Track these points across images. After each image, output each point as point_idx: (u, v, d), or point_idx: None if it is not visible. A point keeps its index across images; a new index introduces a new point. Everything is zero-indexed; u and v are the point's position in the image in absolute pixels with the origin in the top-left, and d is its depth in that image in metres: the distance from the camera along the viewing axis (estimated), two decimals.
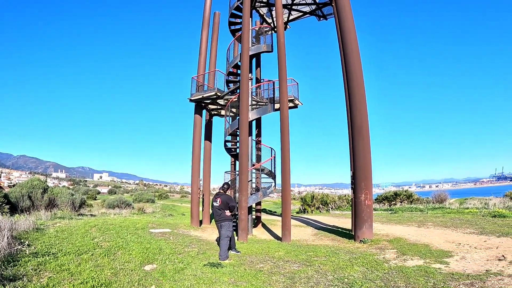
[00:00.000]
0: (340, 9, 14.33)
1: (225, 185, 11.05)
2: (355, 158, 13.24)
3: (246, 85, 15.38)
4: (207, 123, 20.89)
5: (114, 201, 31.42)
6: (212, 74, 20.45)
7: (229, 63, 18.01)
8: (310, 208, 29.64)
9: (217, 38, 22.01)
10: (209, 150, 20.44)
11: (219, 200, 10.42)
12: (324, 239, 14.16)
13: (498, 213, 16.42)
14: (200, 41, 20.68)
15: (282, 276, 7.99)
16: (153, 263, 8.82)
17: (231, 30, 19.56)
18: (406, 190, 35.36)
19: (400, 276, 7.47)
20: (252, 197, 15.65)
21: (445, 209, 21.96)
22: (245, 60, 15.63)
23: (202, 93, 18.55)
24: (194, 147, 19.27)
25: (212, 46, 21.58)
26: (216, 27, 21.97)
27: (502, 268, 7.54)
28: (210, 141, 20.64)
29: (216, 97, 18.40)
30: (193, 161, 19.29)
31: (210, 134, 20.82)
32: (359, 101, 13.36)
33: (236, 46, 20.39)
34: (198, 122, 19.46)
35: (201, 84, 19.51)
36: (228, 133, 17.21)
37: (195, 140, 19.32)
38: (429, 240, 11.69)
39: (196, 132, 19.35)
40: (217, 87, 18.35)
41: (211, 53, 21.52)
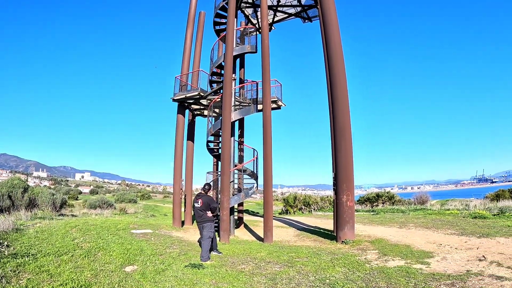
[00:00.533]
0: (325, 11, 14.35)
1: (206, 186, 10.93)
2: (337, 159, 13.26)
3: (229, 86, 15.32)
4: (190, 123, 20.76)
5: (95, 201, 31.05)
6: (195, 74, 20.28)
7: (213, 63, 17.90)
8: (292, 209, 29.67)
9: (201, 38, 21.86)
10: (191, 150, 20.31)
11: (200, 201, 10.31)
12: (306, 240, 14.14)
13: (479, 215, 16.68)
14: (185, 41, 20.54)
15: (263, 277, 7.91)
16: (134, 264, 8.71)
17: (215, 30, 19.43)
18: (388, 192, 35.69)
19: (382, 276, 7.48)
20: (234, 198, 15.57)
21: (427, 210, 22.23)
22: (229, 61, 15.58)
23: (185, 93, 18.42)
24: (177, 147, 19.13)
25: (196, 46, 21.43)
26: (201, 27, 21.81)
27: (482, 268, 7.62)
28: (193, 141, 20.50)
29: (199, 97, 18.28)
30: (175, 161, 19.14)
31: (192, 134, 20.67)
32: (342, 103, 13.39)
33: (221, 46, 20.32)
34: (181, 122, 19.33)
35: (185, 84, 19.37)
36: (211, 134, 17.11)
37: (177, 140, 19.17)
38: (410, 241, 11.78)
39: (178, 132, 19.21)
40: (200, 87, 18.24)
41: (195, 52, 21.35)
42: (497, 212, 17.91)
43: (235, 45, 16.55)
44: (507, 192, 29.83)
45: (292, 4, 20.42)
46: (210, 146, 18.15)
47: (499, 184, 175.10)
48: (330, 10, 14.23)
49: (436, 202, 31.47)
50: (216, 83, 18.42)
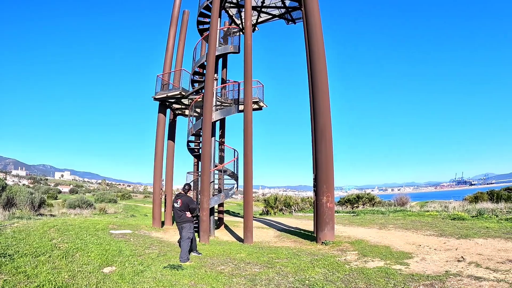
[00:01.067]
0: (309, 14, 14.40)
1: (186, 186, 10.85)
2: (318, 161, 13.30)
3: (211, 85, 15.24)
4: (171, 123, 20.56)
5: (75, 201, 30.51)
6: (178, 73, 20.08)
7: (195, 62, 17.77)
8: (273, 210, 29.75)
9: (184, 37, 21.68)
10: (172, 150, 20.11)
11: (180, 201, 10.20)
12: (286, 241, 14.14)
13: (457, 216, 16.93)
14: (168, 39, 20.35)
15: (243, 278, 7.85)
16: (112, 265, 8.56)
17: (199, 29, 19.29)
18: (369, 193, 36.00)
19: (361, 277, 7.50)
20: (214, 199, 15.47)
21: (406, 212, 22.47)
22: (211, 60, 15.47)
23: (166, 92, 18.25)
24: (157, 147, 18.93)
25: (179, 45, 21.25)
26: (184, 26, 21.63)
27: (461, 269, 7.72)
28: (174, 141, 20.31)
29: (180, 96, 18.12)
30: (156, 161, 18.94)
31: (173, 133, 20.49)
32: (323, 104, 13.44)
33: (204, 46, 20.15)
34: (162, 121, 19.14)
35: (166, 83, 19.17)
36: (191, 133, 16.98)
37: (158, 139, 18.97)
38: (390, 242, 11.88)
39: (159, 131, 19.01)
40: (182, 87, 18.08)
41: (178, 51, 21.17)
42: (475, 214, 18.20)
43: (218, 45, 16.46)
44: (486, 194, 30.34)
45: (276, 6, 20.43)
46: (191, 146, 18.00)
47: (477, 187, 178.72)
48: (314, 13, 14.28)
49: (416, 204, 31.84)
50: (198, 83, 18.28)
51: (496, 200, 27.57)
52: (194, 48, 18.30)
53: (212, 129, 15.92)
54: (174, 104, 20.09)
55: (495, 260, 8.37)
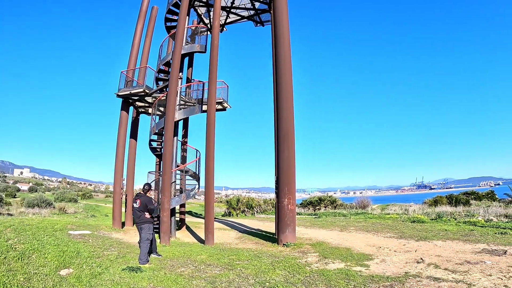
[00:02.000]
0: (277, 17, 14.48)
1: (146, 186, 10.60)
2: (280, 163, 13.37)
3: (175, 84, 15.01)
4: (134, 121, 20.09)
5: (34, 200, 29.40)
6: (142, 70, 19.67)
7: (161, 60, 17.47)
8: (235, 211, 29.82)
9: (152, 34, 21.24)
10: (134, 148, 19.63)
11: (139, 201, 9.97)
12: (247, 242, 14.13)
13: (417, 219, 17.39)
14: (134, 35, 19.90)
15: (203, 280, 7.74)
16: (69, 267, 8.27)
17: (166, 26, 18.96)
18: (331, 196, 36.63)
19: (321, 279, 7.51)
20: (175, 199, 15.24)
21: (368, 215, 22.91)
22: (177, 58, 15.26)
23: (130, 89, 17.84)
24: (119, 145, 18.45)
25: (146, 41, 20.78)
26: (152, 22, 21.19)
27: (420, 270, 7.88)
28: (136, 139, 19.85)
29: (144, 94, 17.77)
30: (117, 159, 18.46)
31: (136, 132, 20.02)
32: (286, 108, 13.54)
33: (170, 44, 19.83)
34: (124, 119, 18.66)
35: (130, 80, 18.72)
36: (154, 132, 16.66)
37: (119, 137, 18.50)
38: (350, 244, 12.05)
39: (121, 129, 18.53)
40: (146, 84, 17.74)
41: (144, 48, 20.69)
42: (434, 216, 18.76)
43: (184, 43, 16.27)
44: (445, 198, 31.47)
45: (246, 7, 20.36)
46: (153, 145, 17.66)
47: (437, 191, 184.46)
48: (282, 17, 14.38)
49: (377, 207, 32.59)
50: (163, 81, 17.96)
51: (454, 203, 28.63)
52: (160, 46, 17.98)
53: (175, 128, 15.71)
54: (137, 102, 19.65)
55: (454, 262, 8.61)
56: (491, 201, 30.47)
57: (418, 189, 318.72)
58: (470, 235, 12.52)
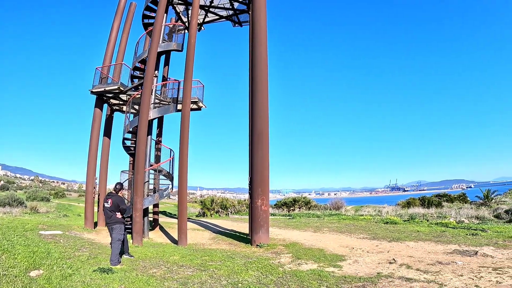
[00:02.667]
0: (256, 18, 14.58)
1: (117, 185, 10.39)
2: (254, 163, 13.41)
3: (150, 82, 14.86)
4: (108, 118, 19.66)
5: (4, 199, 28.49)
6: (118, 66, 19.29)
7: (137, 57, 17.20)
8: (209, 212, 29.77)
9: (129, 30, 20.81)
10: (107, 147, 19.22)
11: (110, 201, 9.76)
12: (221, 243, 14.09)
13: (390, 220, 17.67)
14: (111, 31, 19.49)
15: (175, 281, 7.67)
16: (39, 268, 8.00)
17: (144, 23, 18.69)
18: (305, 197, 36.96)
19: (294, 280, 7.54)
20: (148, 199, 15.07)
21: (341, 216, 23.17)
22: (153, 56, 15.10)
23: (104, 86, 17.48)
24: (92, 143, 18.05)
25: (122, 38, 20.37)
26: (129, 19, 20.78)
27: (392, 271, 8.03)
28: (109, 138, 19.43)
29: (119, 91, 17.46)
30: (89, 158, 18.05)
31: (109, 130, 19.58)
32: (261, 109, 13.60)
33: (147, 41, 19.53)
34: (98, 117, 18.26)
35: (105, 76, 18.34)
36: (127, 131, 16.34)
37: (93, 135, 18.09)
38: (324, 245, 12.17)
39: (94, 126, 18.13)
40: (121, 81, 17.44)
41: (121, 45, 20.27)
42: (407, 218, 19.12)
43: (161, 41, 16.13)
44: (417, 200, 32.15)
45: (225, 7, 20.30)
46: (127, 144, 17.31)
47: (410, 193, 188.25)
48: (260, 18, 14.46)
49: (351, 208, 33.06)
50: (138, 79, 17.69)
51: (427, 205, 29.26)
52: (137, 43, 17.69)
53: (149, 127, 15.55)
54: (111, 99, 19.27)
55: (426, 262, 8.80)
56: (462, 203, 31.35)
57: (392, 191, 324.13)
58: (442, 236, 12.83)
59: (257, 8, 14.60)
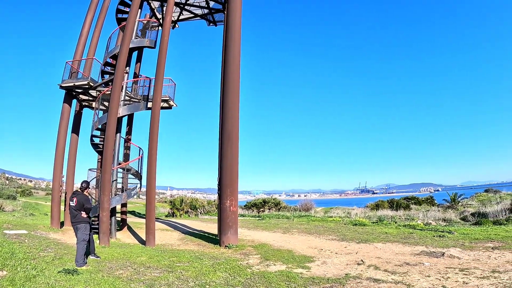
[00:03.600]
0: (230, 18, 14.58)
1: (83, 184, 10.12)
2: (223, 164, 13.40)
3: (120, 78, 14.61)
4: (77, 115, 19.13)
5: None
6: (89, 61, 18.66)
7: (108, 52, 16.90)
8: (179, 212, 29.62)
9: (102, 24, 20.11)
10: (75, 144, 18.69)
11: (75, 200, 9.51)
12: (190, 244, 13.98)
13: (359, 222, 17.93)
14: (83, 24, 18.94)
15: (141, 283, 7.55)
16: (3, 269, 7.73)
17: (117, 18, 18.41)
18: (275, 198, 37.27)
19: (262, 281, 7.54)
20: (116, 198, 14.82)
21: (311, 217, 23.38)
22: (124, 52, 14.85)
23: (74, 81, 17.00)
24: (59, 140, 17.55)
25: (95, 32, 19.68)
26: (103, 12, 20.07)
27: (360, 272, 8.17)
28: (78, 134, 18.92)
29: (88, 86, 17.02)
30: (56, 155, 17.55)
31: (78, 126, 19.07)
32: (232, 109, 13.61)
33: (120, 36, 19.11)
34: (66, 112, 17.77)
35: (75, 71, 17.81)
36: (96, 128, 16.00)
37: (60, 131, 17.60)
38: (293, 246, 12.25)
39: (62, 122, 17.63)
40: (91, 77, 17.00)
41: (93, 39, 19.58)
42: (376, 220, 19.43)
43: (134, 37, 15.92)
44: (386, 202, 32.83)
45: (200, 5, 20.13)
46: (95, 141, 16.92)
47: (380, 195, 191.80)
48: (235, 18, 14.47)
49: (320, 210, 33.45)
50: (109, 74, 17.30)
51: (396, 208, 29.89)
52: (109, 38, 17.39)
53: (118, 124, 15.30)
54: (81, 95, 18.76)
55: (393, 263, 8.96)
56: (430, 206, 32.18)
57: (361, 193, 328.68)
58: (410, 237, 13.12)
59: (232, 8, 14.60)
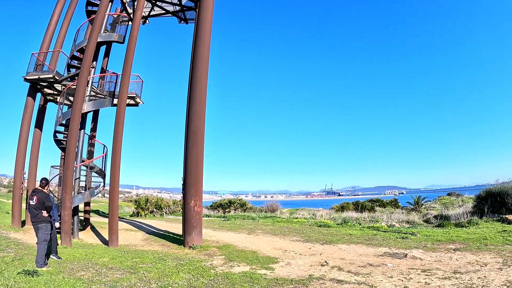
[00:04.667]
0: (201, 17, 14.52)
1: (43, 181, 9.75)
2: (188, 164, 13.34)
3: (86, 72, 14.30)
4: (41, 109, 18.55)
5: None
6: (56, 54, 18.08)
7: (75, 45, 16.47)
8: (144, 212, 29.25)
9: (71, 17, 19.44)
10: (38, 139, 18.13)
11: (36, 198, 9.13)
12: (154, 244, 13.81)
13: (324, 223, 18.15)
14: (51, 15, 18.41)
15: (103, 285, 7.39)
16: None
17: (87, 10, 17.91)
18: (241, 199, 37.45)
19: (226, 282, 7.51)
20: (78, 197, 14.49)
21: (276, 218, 23.50)
22: (92, 45, 14.56)
23: (39, 74, 16.51)
24: (21, 135, 17.06)
25: (63, 24, 19.06)
26: (73, 4, 19.40)
27: (324, 273, 8.24)
28: (41, 130, 18.36)
29: (54, 80, 16.58)
30: (18, 150, 17.06)
31: (42, 121, 18.49)
32: (198, 107, 13.61)
33: (89, 30, 18.59)
34: (30, 106, 17.28)
35: (41, 64, 17.26)
36: (59, 123, 15.54)
37: (23, 126, 17.11)
38: (257, 247, 12.28)
39: (25, 116, 17.12)
40: (56, 70, 16.54)
41: (61, 31, 18.97)
42: (340, 221, 19.73)
43: (103, 31, 15.66)
44: (351, 204, 33.49)
45: (172, 2, 19.85)
46: (58, 137, 16.33)
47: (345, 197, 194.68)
48: (206, 17, 14.43)
49: (286, 211, 33.71)
50: (76, 68, 16.81)
51: (360, 210, 30.52)
52: (77, 31, 16.88)
53: (83, 120, 14.99)
54: (46, 89, 18.19)
55: (357, 264, 9.12)
56: (394, 208, 33.06)
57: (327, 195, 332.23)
58: (373, 239, 13.36)
59: (204, 7, 14.54)
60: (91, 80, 15.62)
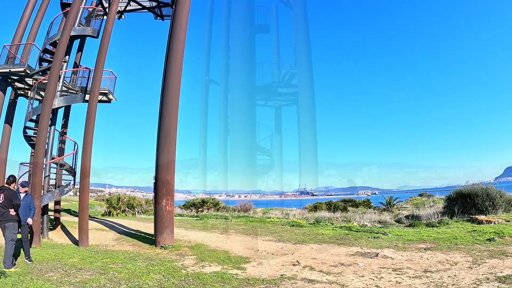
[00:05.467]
0: (177, 13, 14.45)
1: (10, 178, 9.52)
2: (159, 161, 13.27)
3: (58, 67, 14.00)
4: (11, 104, 17.90)
5: None
6: (28, 47, 17.51)
7: (48, 38, 15.98)
8: (115, 211, 28.81)
9: (45, 9, 18.83)
10: (8, 135, 17.51)
11: (2, 196, 8.86)
12: (125, 244, 13.64)
13: (296, 223, 18.25)
14: (25, 7, 17.78)
15: (71, 286, 7.34)
16: None
17: (62, 3, 17.41)
18: (214, 198, 37.38)
19: (197, 283, 7.49)
20: (48, 195, 14.11)
21: (249, 218, 23.56)
22: (65, 39, 14.24)
23: (10, 67, 15.92)
24: None
25: (37, 16, 18.38)
26: None
27: (296, 273, 8.31)
28: (11, 125, 17.74)
29: (25, 74, 16.04)
30: None
31: (12, 117, 17.83)
32: (171, 105, 13.58)
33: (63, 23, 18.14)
34: (0, 101, 16.71)
35: (13, 56, 16.74)
36: (30, 118, 15.07)
37: None
38: (229, 247, 12.31)
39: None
40: (28, 64, 16.04)
41: (34, 23, 18.27)
42: (313, 221, 19.90)
43: (77, 24, 15.30)
44: (324, 204, 33.82)
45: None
46: (28, 133, 15.79)
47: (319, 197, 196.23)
48: (182, 14, 14.37)
49: (259, 210, 33.79)
50: (48, 62, 16.33)
51: (333, 210, 30.80)
52: (51, 23, 16.41)
53: (53, 116, 14.72)
54: (17, 83, 17.57)
55: (328, 264, 9.23)
56: (367, 208, 33.46)
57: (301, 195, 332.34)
58: (345, 239, 13.51)
59: (180, 3, 14.50)
60: (63, 75, 15.28)
